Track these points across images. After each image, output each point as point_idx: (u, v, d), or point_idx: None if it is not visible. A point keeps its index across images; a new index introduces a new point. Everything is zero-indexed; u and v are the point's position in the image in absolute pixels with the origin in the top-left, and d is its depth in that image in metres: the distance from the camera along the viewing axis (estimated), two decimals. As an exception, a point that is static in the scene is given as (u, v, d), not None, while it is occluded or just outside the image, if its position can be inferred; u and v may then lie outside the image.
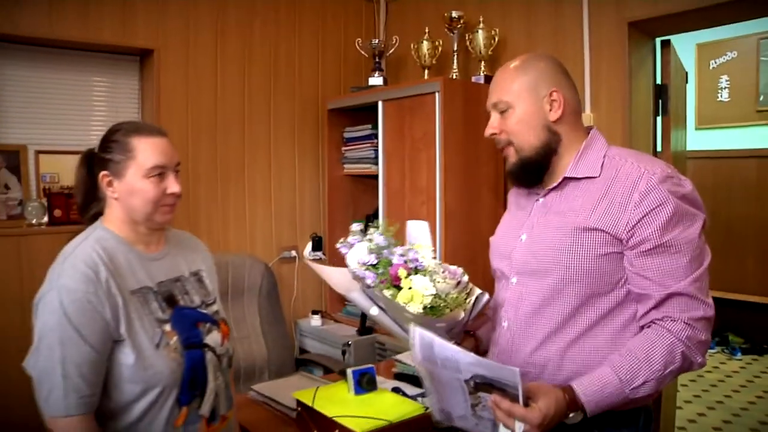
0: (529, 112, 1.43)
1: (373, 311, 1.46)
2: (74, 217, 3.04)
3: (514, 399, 1.20)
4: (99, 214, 1.53)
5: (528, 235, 1.48)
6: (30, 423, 2.86)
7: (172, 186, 1.47)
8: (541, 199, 1.49)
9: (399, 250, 1.42)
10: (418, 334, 1.30)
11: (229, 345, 1.59)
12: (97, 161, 1.49)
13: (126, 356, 1.37)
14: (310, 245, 3.72)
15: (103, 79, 3.19)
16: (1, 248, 2.79)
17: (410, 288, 1.34)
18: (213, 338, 1.53)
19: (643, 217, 1.30)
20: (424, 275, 1.36)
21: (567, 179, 1.43)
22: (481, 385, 1.26)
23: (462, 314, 1.38)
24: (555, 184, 1.45)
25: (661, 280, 1.29)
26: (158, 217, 1.48)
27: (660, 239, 1.29)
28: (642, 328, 1.33)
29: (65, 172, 3.09)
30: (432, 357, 1.30)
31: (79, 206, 1.58)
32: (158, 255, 1.54)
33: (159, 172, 1.45)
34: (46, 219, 2.98)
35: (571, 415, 1.24)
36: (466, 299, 1.41)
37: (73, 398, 1.31)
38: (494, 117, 1.48)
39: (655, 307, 1.30)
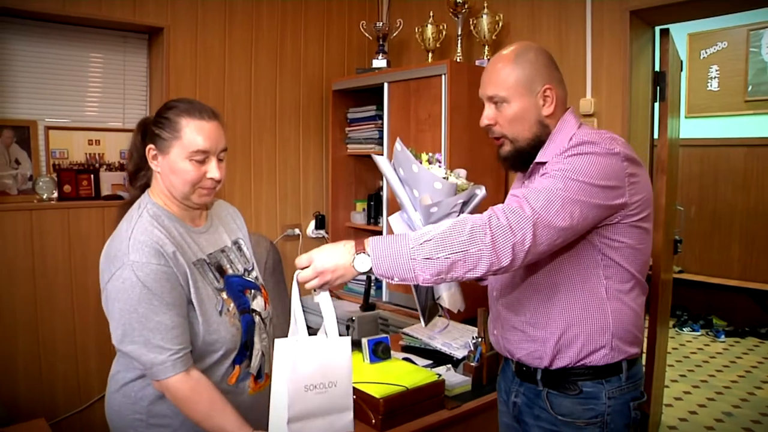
0: (524, 108, 1.48)
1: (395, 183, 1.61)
2: (83, 193, 3.08)
3: None
4: (146, 186, 1.58)
5: None
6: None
7: (212, 171, 1.50)
8: (525, 181, 1.59)
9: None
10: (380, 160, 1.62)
11: (270, 308, 1.69)
12: (149, 133, 1.52)
13: (194, 320, 1.46)
14: (313, 223, 3.79)
15: (112, 56, 3.21)
16: (13, 222, 2.82)
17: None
18: (258, 303, 1.63)
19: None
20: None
21: (537, 164, 1.51)
22: None
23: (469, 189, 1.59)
24: (528, 170, 1.55)
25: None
26: (195, 198, 1.52)
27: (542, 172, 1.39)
28: None
29: (74, 148, 3.13)
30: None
31: (130, 173, 1.61)
32: (203, 228, 1.61)
33: (201, 157, 1.48)
34: (55, 194, 3.02)
35: (356, 257, 1.26)
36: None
37: (173, 359, 1.39)
38: (489, 108, 1.52)
39: None
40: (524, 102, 1.48)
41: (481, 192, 1.63)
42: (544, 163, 1.47)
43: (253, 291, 1.63)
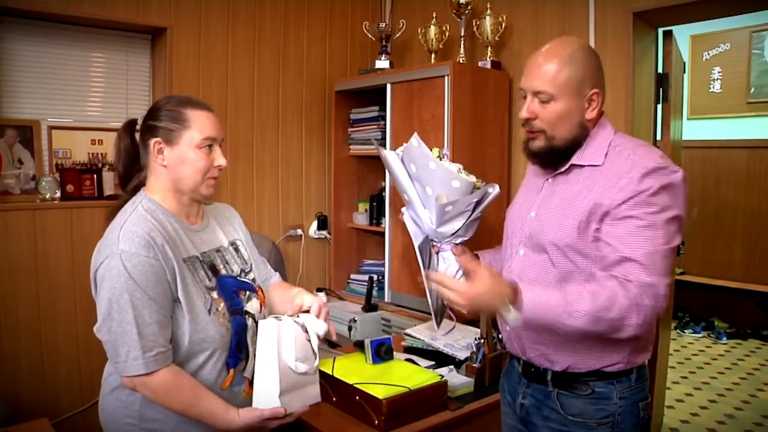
0: (569, 109, 1.46)
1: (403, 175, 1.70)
2: (86, 193, 3.08)
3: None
4: (140, 186, 1.57)
5: (536, 213, 1.58)
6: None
7: (220, 159, 1.53)
8: (550, 179, 1.58)
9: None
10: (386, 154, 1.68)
11: (266, 311, 1.66)
12: (147, 129, 1.53)
13: (181, 318, 1.45)
14: (315, 224, 3.79)
15: (115, 56, 3.21)
16: (16, 222, 2.82)
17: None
18: (252, 306, 1.60)
19: (625, 200, 1.38)
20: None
21: (573, 166, 1.51)
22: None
23: (482, 187, 1.66)
24: (563, 169, 1.53)
25: (617, 246, 1.37)
26: (203, 189, 1.53)
27: (627, 212, 1.38)
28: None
29: (77, 147, 3.13)
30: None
31: (121, 176, 1.61)
32: (199, 227, 1.60)
33: (209, 144, 1.51)
34: (58, 194, 3.02)
35: (509, 310, 1.35)
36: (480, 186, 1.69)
37: (150, 355, 1.37)
38: (533, 102, 1.49)
39: (611, 266, 1.38)
40: (571, 103, 1.45)
41: (494, 191, 1.63)
42: (582, 167, 1.49)
43: (248, 292, 1.61)
